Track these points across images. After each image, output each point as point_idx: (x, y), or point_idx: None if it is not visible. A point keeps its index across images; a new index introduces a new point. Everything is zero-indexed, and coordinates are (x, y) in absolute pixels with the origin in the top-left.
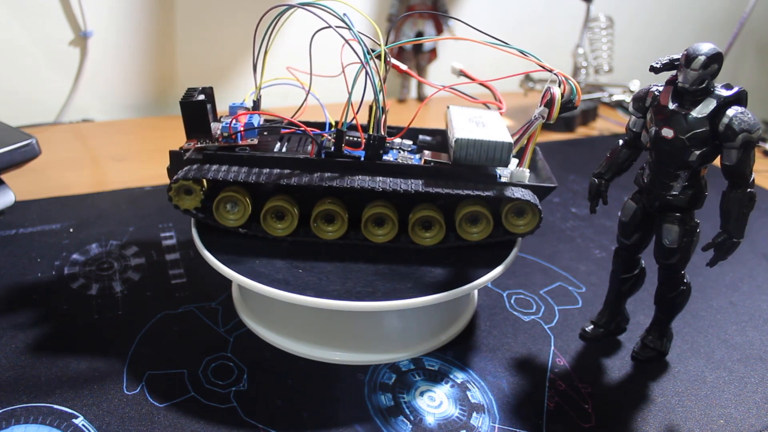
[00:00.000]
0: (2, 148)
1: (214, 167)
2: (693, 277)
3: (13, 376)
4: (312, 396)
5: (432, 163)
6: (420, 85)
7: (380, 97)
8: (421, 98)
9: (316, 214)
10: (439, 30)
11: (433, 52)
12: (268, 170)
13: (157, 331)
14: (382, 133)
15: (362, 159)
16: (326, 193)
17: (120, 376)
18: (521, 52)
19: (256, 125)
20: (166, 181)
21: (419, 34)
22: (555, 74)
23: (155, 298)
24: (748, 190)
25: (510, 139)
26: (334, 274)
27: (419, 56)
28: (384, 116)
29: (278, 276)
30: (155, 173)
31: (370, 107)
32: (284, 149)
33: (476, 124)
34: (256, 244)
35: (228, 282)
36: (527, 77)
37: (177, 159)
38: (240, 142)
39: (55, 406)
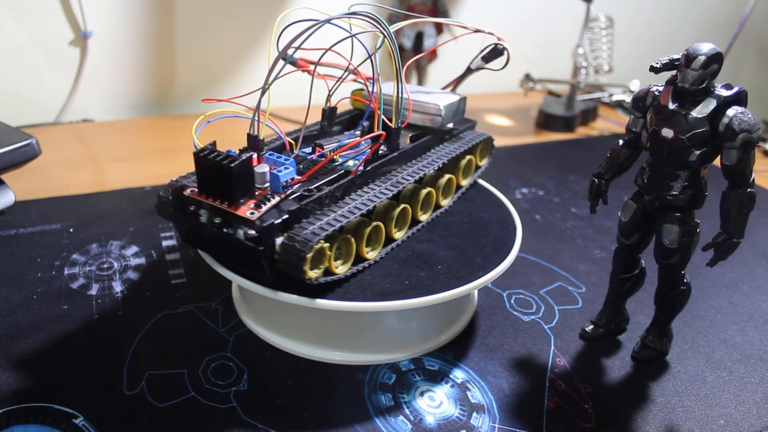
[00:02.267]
0: (2, 148)
1: (319, 222)
2: (693, 277)
3: (13, 376)
4: (312, 396)
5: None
6: (420, 84)
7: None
8: None
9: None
10: (439, 30)
11: (433, 52)
12: (358, 198)
13: (157, 331)
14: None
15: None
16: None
17: (120, 376)
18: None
19: (288, 163)
20: (166, 181)
21: (419, 35)
22: (488, 33)
23: (155, 298)
24: (748, 190)
25: (461, 95)
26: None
27: (419, 56)
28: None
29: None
30: (155, 173)
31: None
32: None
33: (426, 93)
34: None
35: (228, 282)
36: (527, 77)
37: (267, 233)
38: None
39: (55, 406)
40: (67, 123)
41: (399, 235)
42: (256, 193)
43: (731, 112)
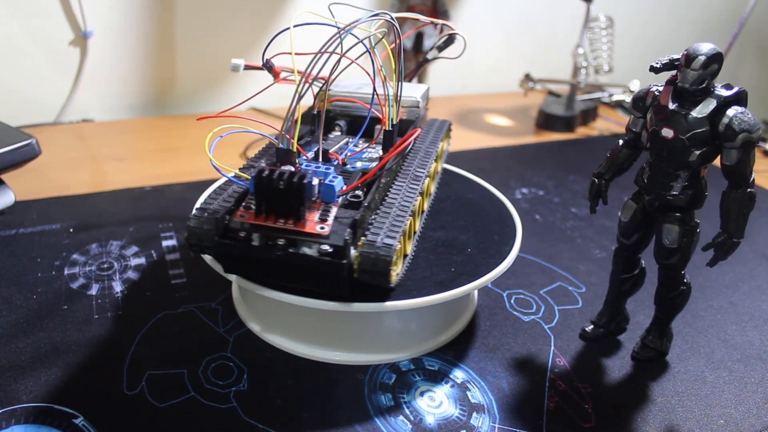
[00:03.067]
0: (2, 148)
1: (384, 225)
2: (693, 277)
3: (13, 376)
4: (312, 396)
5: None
6: (420, 79)
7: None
8: None
9: None
10: (440, 30)
11: None
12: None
13: (157, 331)
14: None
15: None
16: None
17: (120, 376)
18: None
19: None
20: (166, 181)
21: (419, 35)
22: (442, 24)
23: (155, 298)
24: (748, 190)
25: (426, 84)
26: None
27: (419, 56)
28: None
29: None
30: (155, 173)
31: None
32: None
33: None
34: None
35: (228, 282)
36: (527, 77)
37: (346, 245)
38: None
39: (55, 406)
40: (67, 123)
41: (416, 226)
42: (312, 206)
43: (731, 112)
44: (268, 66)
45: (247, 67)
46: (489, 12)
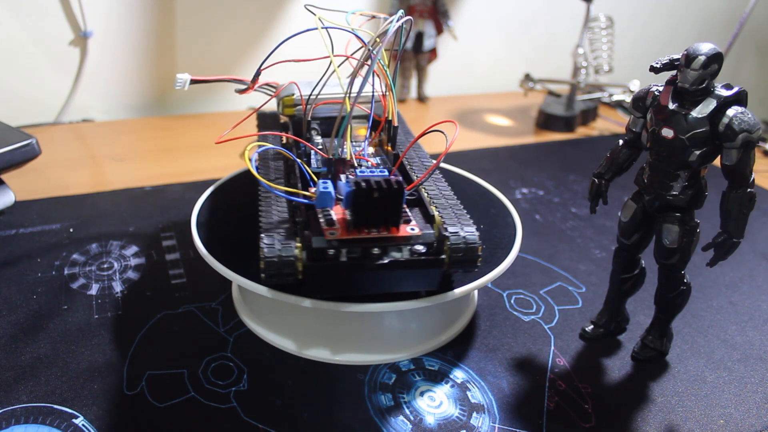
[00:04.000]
0: (2, 148)
1: (452, 216)
2: (693, 277)
3: (13, 376)
4: (312, 396)
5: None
6: (420, 85)
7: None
8: (421, 98)
9: None
10: (439, 30)
11: (433, 52)
12: None
13: (157, 331)
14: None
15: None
16: None
17: (120, 376)
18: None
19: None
20: (166, 180)
21: (419, 35)
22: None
23: (155, 298)
24: (748, 190)
25: None
26: None
27: (419, 56)
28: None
29: None
30: (155, 173)
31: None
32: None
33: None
34: (257, 245)
35: (228, 282)
36: (527, 77)
37: (443, 241)
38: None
39: (55, 406)
40: (67, 123)
41: None
42: None
43: (731, 112)
44: (256, 74)
45: (194, 82)
46: (489, 12)
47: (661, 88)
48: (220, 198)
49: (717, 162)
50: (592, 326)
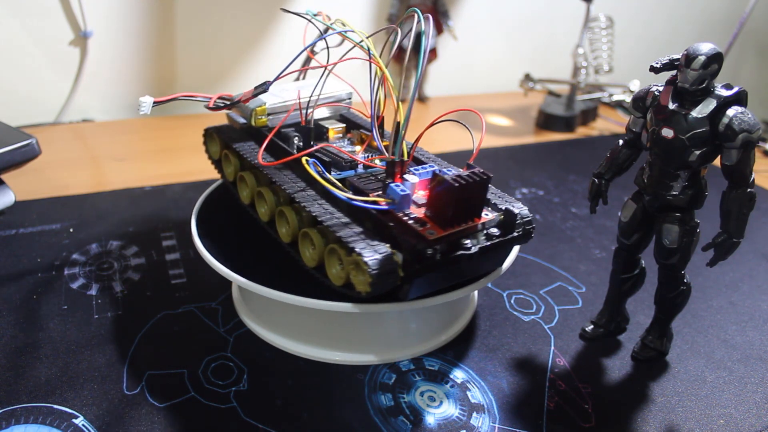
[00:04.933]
0: (2, 148)
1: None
2: (693, 277)
3: (13, 376)
4: (312, 396)
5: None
6: (420, 85)
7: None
8: (421, 98)
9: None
10: (439, 30)
11: (433, 52)
12: None
13: (157, 331)
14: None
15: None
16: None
17: (120, 376)
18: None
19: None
20: (166, 181)
21: (419, 35)
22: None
23: (155, 298)
24: (748, 190)
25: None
26: None
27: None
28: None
29: (278, 277)
30: (155, 173)
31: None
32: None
33: (307, 87)
34: (256, 245)
35: (228, 282)
36: (527, 77)
37: (515, 216)
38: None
39: (55, 406)
40: (67, 123)
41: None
42: None
43: (731, 112)
44: (265, 85)
45: (156, 103)
46: (489, 12)
47: (661, 88)
48: (220, 198)
49: (717, 162)
50: (592, 326)
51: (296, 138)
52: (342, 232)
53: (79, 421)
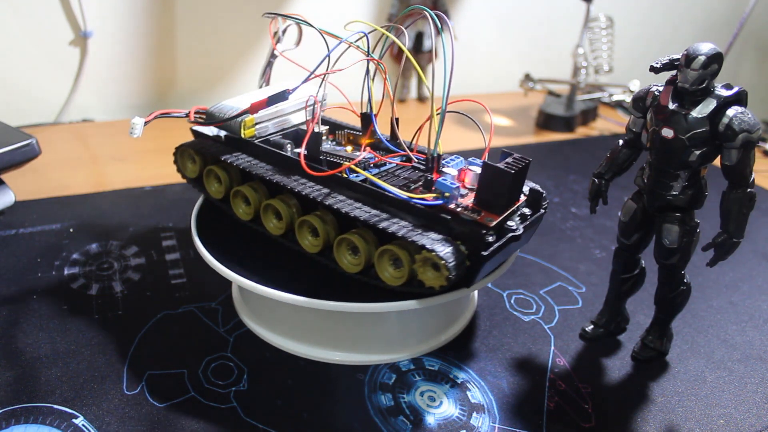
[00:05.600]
0: (2, 148)
1: None
2: (693, 277)
3: (13, 376)
4: (312, 396)
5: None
6: (420, 85)
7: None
8: (421, 98)
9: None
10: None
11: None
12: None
13: (157, 331)
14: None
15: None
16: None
17: (120, 376)
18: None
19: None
20: (166, 181)
21: (419, 35)
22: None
23: (155, 298)
24: (748, 190)
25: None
26: (335, 274)
27: (419, 56)
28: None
29: (278, 277)
30: (155, 173)
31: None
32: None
33: (275, 93)
34: (256, 245)
35: (228, 282)
36: (527, 77)
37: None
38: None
39: (55, 406)
40: (67, 123)
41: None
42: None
43: (731, 112)
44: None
45: (147, 123)
46: (489, 12)
47: (661, 88)
48: None
49: (717, 162)
50: (592, 326)
51: (289, 145)
52: (403, 232)
53: (79, 421)
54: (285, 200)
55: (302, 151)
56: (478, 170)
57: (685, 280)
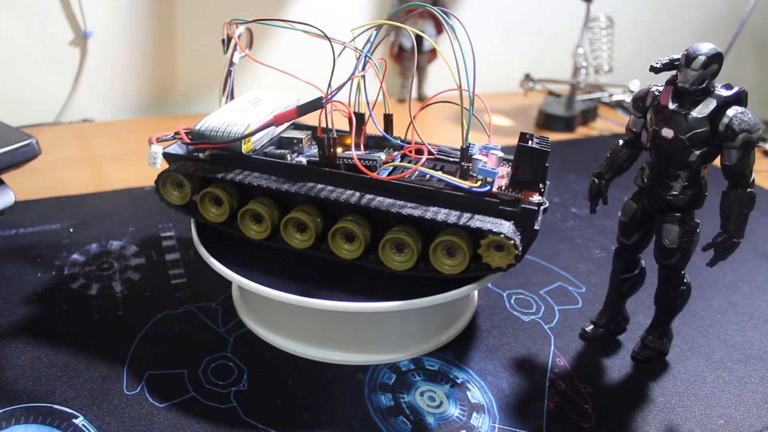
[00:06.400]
0: (2, 148)
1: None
2: (693, 277)
3: (13, 376)
4: (312, 396)
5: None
6: (420, 85)
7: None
8: (421, 98)
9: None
10: (440, 30)
11: (433, 52)
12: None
13: (157, 331)
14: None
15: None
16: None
17: (120, 376)
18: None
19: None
20: None
21: (419, 35)
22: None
23: (155, 298)
24: (748, 190)
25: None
26: (335, 274)
27: (419, 56)
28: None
29: (278, 276)
30: (155, 173)
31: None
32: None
33: (255, 105)
34: (256, 245)
35: (228, 282)
36: (527, 77)
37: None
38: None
39: (55, 406)
40: (67, 123)
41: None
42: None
43: (731, 112)
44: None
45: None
46: (489, 12)
47: (661, 88)
48: None
49: (717, 162)
50: (592, 326)
51: (288, 154)
52: (464, 221)
53: (79, 421)
54: (307, 211)
55: (353, 153)
56: (500, 154)
57: (685, 280)
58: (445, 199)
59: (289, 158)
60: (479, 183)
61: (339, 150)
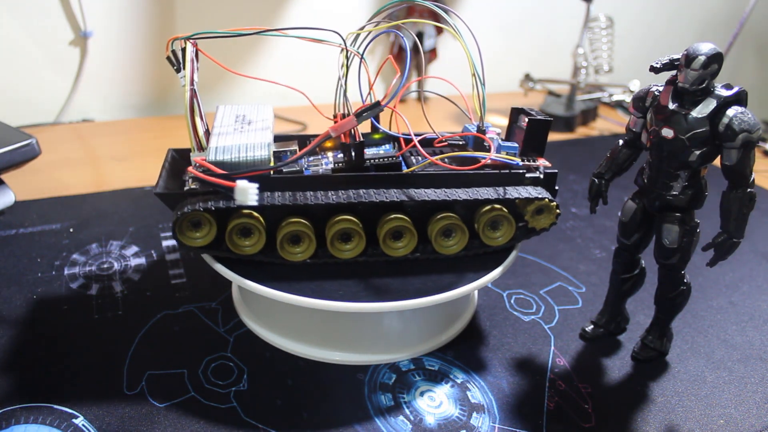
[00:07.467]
0: (2, 148)
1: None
2: (693, 277)
3: (13, 376)
4: (312, 396)
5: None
6: (420, 84)
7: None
8: (421, 98)
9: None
10: (440, 30)
11: (432, 52)
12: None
13: (157, 331)
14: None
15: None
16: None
17: (120, 376)
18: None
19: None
20: None
21: (419, 35)
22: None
23: (155, 298)
24: (748, 190)
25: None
26: (335, 274)
27: (419, 56)
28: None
29: (278, 277)
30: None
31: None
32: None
33: (250, 114)
34: None
35: (228, 282)
36: (527, 77)
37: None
38: None
39: (55, 406)
40: (67, 123)
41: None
42: None
43: (731, 112)
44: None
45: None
46: (489, 12)
47: (661, 88)
48: None
49: (717, 162)
50: (592, 326)
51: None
52: (511, 194)
53: (79, 421)
54: (348, 219)
55: (390, 152)
56: (498, 130)
57: (685, 280)
58: (476, 180)
59: (311, 170)
60: (508, 158)
61: (328, 153)
